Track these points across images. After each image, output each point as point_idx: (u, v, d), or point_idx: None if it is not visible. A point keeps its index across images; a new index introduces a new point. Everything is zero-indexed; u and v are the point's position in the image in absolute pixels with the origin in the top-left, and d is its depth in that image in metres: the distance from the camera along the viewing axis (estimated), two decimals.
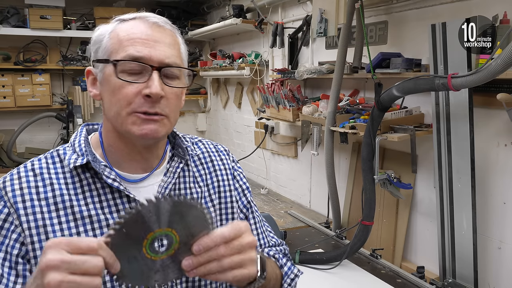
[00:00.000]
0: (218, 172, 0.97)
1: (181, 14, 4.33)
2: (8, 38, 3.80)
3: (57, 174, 0.81)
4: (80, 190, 0.81)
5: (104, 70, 0.80)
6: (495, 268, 1.73)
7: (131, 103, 0.77)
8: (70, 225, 0.78)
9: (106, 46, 0.80)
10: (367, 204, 1.78)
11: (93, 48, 0.83)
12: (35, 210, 0.78)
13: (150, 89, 0.76)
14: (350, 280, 1.71)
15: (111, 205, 0.82)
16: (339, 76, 2.10)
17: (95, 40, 0.83)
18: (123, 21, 0.83)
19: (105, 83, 0.80)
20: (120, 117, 0.78)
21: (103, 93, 0.82)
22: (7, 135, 3.92)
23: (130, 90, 0.77)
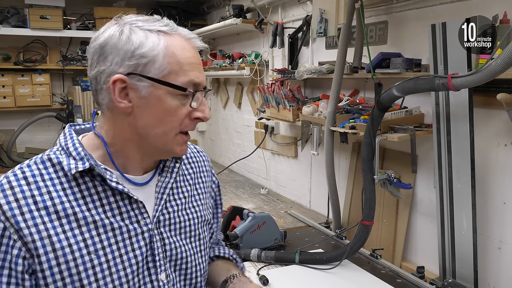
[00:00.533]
0: (201, 173, 1.02)
1: (181, 14, 4.33)
2: (8, 38, 3.80)
3: (52, 180, 0.78)
4: (80, 195, 0.79)
5: (154, 88, 0.78)
6: (495, 268, 1.73)
7: (181, 124, 0.82)
8: (75, 232, 0.77)
9: (162, 65, 0.77)
10: (367, 204, 1.78)
11: (142, 60, 0.77)
12: (36, 222, 0.74)
13: (204, 114, 0.83)
14: (350, 280, 1.71)
15: (114, 208, 0.81)
16: (339, 76, 2.10)
17: (144, 53, 0.77)
18: (166, 34, 0.79)
19: (154, 101, 0.78)
20: (168, 137, 0.81)
21: (145, 108, 0.79)
22: (7, 135, 3.92)
23: (183, 113, 0.81)
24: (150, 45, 0.77)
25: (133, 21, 0.79)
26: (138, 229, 0.83)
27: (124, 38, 0.77)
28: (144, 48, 0.77)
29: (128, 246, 0.82)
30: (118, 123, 0.82)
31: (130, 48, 0.77)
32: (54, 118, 4.01)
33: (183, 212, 0.93)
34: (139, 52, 0.77)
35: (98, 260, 0.78)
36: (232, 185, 3.38)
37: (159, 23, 0.80)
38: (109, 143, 0.83)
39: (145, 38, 0.77)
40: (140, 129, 0.81)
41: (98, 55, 0.79)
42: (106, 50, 0.78)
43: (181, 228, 0.92)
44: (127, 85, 0.78)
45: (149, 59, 0.77)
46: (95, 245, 0.78)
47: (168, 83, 0.78)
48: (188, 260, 0.91)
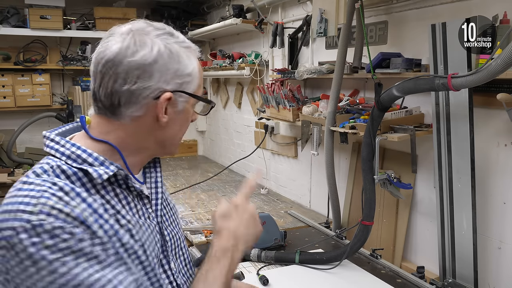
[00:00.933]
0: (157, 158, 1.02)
1: (181, 14, 4.33)
2: (8, 38, 3.80)
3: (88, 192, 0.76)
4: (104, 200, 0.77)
5: (187, 102, 0.85)
6: (495, 268, 1.73)
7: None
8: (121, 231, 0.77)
9: (197, 81, 0.86)
10: (367, 204, 1.78)
11: (187, 78, 0.83)
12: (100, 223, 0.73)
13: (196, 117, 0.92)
14: (350, 280, 1.71)
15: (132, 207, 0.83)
16: (339, 76, 2.10)
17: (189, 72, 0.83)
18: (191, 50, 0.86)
19: (184, 113, 0.86)
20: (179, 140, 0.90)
21: (176, 121, 0.85)
22: (7, 135, 3.92)
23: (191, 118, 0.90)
24: (193, 65, 0.84)
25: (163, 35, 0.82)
26: (151, 224, 0.86)
27: (175, 57, 0.81)
28: (189, 68, 0.83)
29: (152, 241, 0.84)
30: (142, 134, 0.83)
31: (179, 67, 0.82)
32: (54, 118, 4.01)
33: (167, 202, 0.98)
34: (186, 72, 0.83)
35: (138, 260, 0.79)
36: (232, 185, 3.38)
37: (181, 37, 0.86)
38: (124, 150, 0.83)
39: (187, 58, 0.83)
40: (166, 139, 0.86)
41: (142, 71, 0.78)
42: (154, 67, 0.78)
43: (170, 217, 0.95)
44: (172, 101, 0.82)
45: (192, 78, 0.84)
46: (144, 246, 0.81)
47: (202, 98, 0.88)
48: (181, 246, 0.95)
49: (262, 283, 1.63)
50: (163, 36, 0.81)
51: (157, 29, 0.82)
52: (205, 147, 4.72)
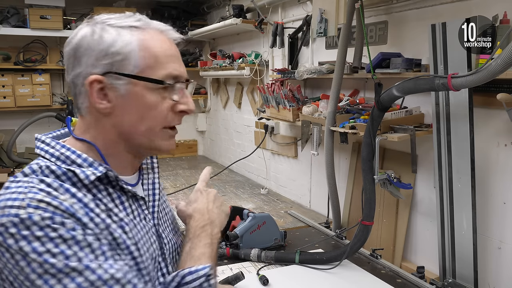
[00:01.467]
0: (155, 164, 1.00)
1: (181, 14, 4.33)
2: (8, 38, 3.80)
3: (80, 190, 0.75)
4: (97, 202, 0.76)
5: (132, 85, 0.76)
6: (495, 268, 1.73)
7: (165, 118, 0.80)
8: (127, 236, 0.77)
9: (138, 60, 0.76)
10: (367, 204, 1.78)
11: (116, 57, 0.75)
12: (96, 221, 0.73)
13: (188, 106, 0.81)
14: (350, 280, 1.71)
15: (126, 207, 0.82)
16: (339, 76, 2.10)
17: (117, 50, 0.75)
18: (139, 29, 0.78)
19: (133, 98, 0.77)
20: (153, 132, 0.80)
21: (124, 107, 0.77)
22: (7, 135, 3.92)
23: (165, 107, 0.79)
24: (124, 41, 0.76)
25: (104, 19, 0.78)
26: (147, 225, 0.85)
27: (96, 37, 0.75)
28: (117, 46, 0.75)
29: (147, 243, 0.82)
30: (102, 126, 0.79)
31: (103, 47, 0.75)
32: (54, 118, 4.01)
33: (164, 205, 0.96)
34: (112, 50, 0.75)
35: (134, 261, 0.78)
36: (232, 185, 3.38)
37: (131, 19, 0.79)
38: (102, 148, 0.81)
39: (117, 35, 0.76)
40: (124, 128, 0.79)
41: (73, 59, 0.77)
42: (79, 52, 0.76)
43: (166, 221, 0.94)
44: (105, 85, 0.76)
45: (123, 56, 0.75)
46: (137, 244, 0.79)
47: (145, 78, 0.76)
48: (178, 251, 0.93)
49: (262, 283, 1.63)
50: (104, 20, 0.78)
51: (110, 17, 0.79)
52: (205, 147, 4.72)
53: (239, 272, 1.60)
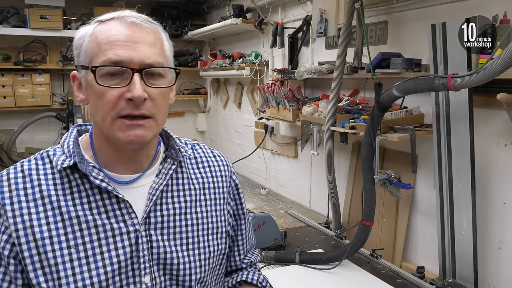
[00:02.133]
0: (215, 178, 0.97)
1: (181, 14, 4.33)
2: (8, 38, 3.80)
3: (46, 175, 0.81)
4: (69, 191, 0.81)
5: (86, 75, 0.80)
6: (495, 268, 1.73)
7: (114, 107, 0.77)
8: (58, 225, 0.79)
9: (87, 50, 0.79)
10: (367, 204, 1.78)
11: (75, 52, 0.82)
12: (22, 212, 0.78)
13: (132, 93, 0.76)
14: (350, 280, 1.71)
15: (100, 205, 0.81)
16: (339, 76, 2.10)
17: (76, 44, 0.82)
18: (101, 22, 0.81)
19: (89, 88, 0.81)
20: (106, 122, 0.78)
21: (89, 98, 0.82)
22: (7, 135, 3.92)
23: (112, 95, 0.77)
24: (80, 34, 0.81)
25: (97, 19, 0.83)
26: (123, 228, 0.82)
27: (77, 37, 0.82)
28: (76, 41, 0.82)
29: (111, 245, 0.81)
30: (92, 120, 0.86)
31: (74, 44, 0.83)
32: (54, 118, 4.01)
33: (182, 217, 0.89)
34: (75, 45, 0.82)
35: (77, 255, 0.79)
36: None
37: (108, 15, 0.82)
38: (93, 142, 0.87)
39: (82, 31, 0.82)
40: (93, 119, 0.84)
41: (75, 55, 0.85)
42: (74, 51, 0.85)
43: (175, 233, 0.88)
44: (79, 80, 0.83)
45: (79, 50, 0.81)
46: (76, 240, 0.79)
47: (81, 66, 0.80)
48: (180, 267, 0.86)
49: None
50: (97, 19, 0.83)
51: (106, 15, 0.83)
52: None
53: None
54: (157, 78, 0.80)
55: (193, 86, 4.58)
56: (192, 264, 0.88)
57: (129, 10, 0.82)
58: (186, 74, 4.43)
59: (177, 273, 0.86)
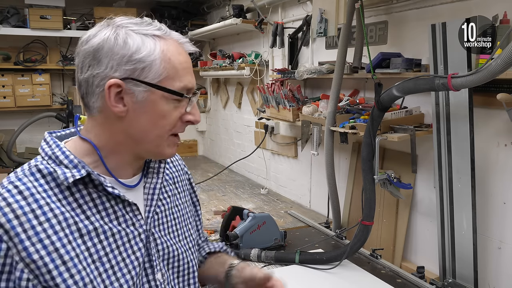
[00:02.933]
0: (178, 172, 1.04)
1: (181, 14, 4.33)
2: (8, 38, 3.80)
3: (46, 192, 0.76)
4: (76, 204, 0.78)
5: (150, 92, 0.78)
6: (495, 268, 1.73)
7: (174, 127, 0.83)
8: (78, 242, 0.76)
9: (158, 70, 0.78)
10: (367, 204, 1.78)
11: (135, 64, 0.77)
12: (41, 237, 0.72)
13: (195, 117, 0.85)
14: (350, 280, 1.71)
15: (110, 213, 0.81)
16: (339, 76, 2.10)
17: (141, 57, 0.77)
18: (161, 38, 0.80)
19: (149, 105, 0.79)
20: (162, 139, 0.82)
21: (140, 113, 0.79)
22: (7, 135, 3.92)
23: (175, 116, 0.82)
24: (148, 50, 0.77)
25: (126, 23, 0.79)
26: (135, 231, 0.84)
27: (121, 42, 0.76)
28: (141, 53, 0.77)
29: (129, 250, 0.83)
30: (110, 126, 0.81)
31: (127, 52, 0.76)
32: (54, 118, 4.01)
33: (170, 212, 0.95)
34: (136, 57, 0.77)
35: (103, 267, 0.78)
36: (232, 185, 3.38)
37: (152, 27, 0.80)
38: (99, 147, 0.82)
39: (141, 42, 0.77)
40: (134, 133, 0.81)
41: (91, 58, 0.77)
42: (101, 53, 0.77)
43: (169, 227, 0.94)
44: (123, 90, 0.77)
45: (146, 64, 0.77)
46: (99, 253, 0.78)
47: (166, 88, 0.79)
48: (180, 257, 0.93)
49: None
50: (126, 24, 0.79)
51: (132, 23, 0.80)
52: (205, 147, 4.72)
53: None
54: None
55: None
56: (187, 252, 0.96)
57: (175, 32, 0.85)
58: None
59: (178, 264, 0.93)
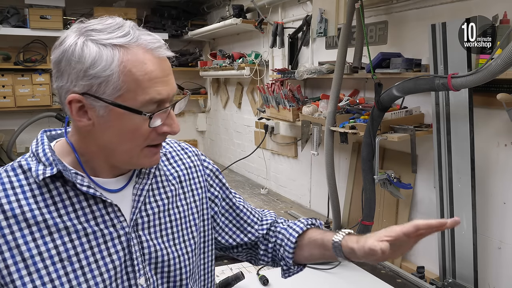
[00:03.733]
0: (188, 170, 0.98)
1: (181, 14, 4.33)
2: (8, 38, 3.80)
3: (22, 188, 0.76)
4: (51, 201, 0.77)
5: (111, 108, 0.73)
6: (495, 268, 1.73)
7: (147, 139, 0.78)
8: (45, 239, 0.75)
9: (117, 85, 0.72)
10: (367, 204, 1.78)
11: (91, 80, 0.72)
12: (4, 232, 0.72)
13: (171, 129, 0.79)
14: (350, 280, 1.71)
15: (87, 212, 0.79)
16: (339, 76, 2.10)
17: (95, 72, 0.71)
18: (122, 48, 0.73)
19: (114, 120, 0.74)
20: (133, 152, 0.78)
21: (106, 128, 0.76)
22: (7, 135, 3.92)
23: (147, 129, 0.76)
24: (103, 64, 0.71)
25: (91, 29, 0.74)
26: (114, 233, 0.81)
27: (77, 55, 0.72)
28: (96, 68, 0.71)
29: (104, 251, 0.80)
30: (83, 137, 0.80)
31: (82, 67, 0.72)
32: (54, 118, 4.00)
33: (165, 214, 0.90)
34: (91, 72, 0.71)
35: (71, 267, 0.76)
36: (232, 185, 3.35)
37: (118, 33, 0.73)
38: (78, 152, 0.81)
39: (98, 55, 0.71)
40: (104, 145, 0.78)
41: (56, 70, 0.75)
42: (61, 66, 0.74)
43: (161, 230, 0.89)
44: (84, 104, 0.74)
45: (102, 80, 0.72)
46: (68, 252, 0.76)
47: (122, 105, 0.73)
48: (170, 263, 0.88)
49: (262, 283, 1.63)
50: (89, 31, 0.74)
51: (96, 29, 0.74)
52: (205, 147, 4.72)
53: (239, 272, 1.60)
54: None
55: (193, 86, 4.58)
56: (181, 258, 0.90)
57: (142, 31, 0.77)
58: (186, 74, 4.43)
59: (168, 269, 0.88)
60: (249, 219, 1.05)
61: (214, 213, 1.02)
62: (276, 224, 1.06)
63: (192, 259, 0.93)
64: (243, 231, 1.04)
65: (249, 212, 1.06)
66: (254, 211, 1.08)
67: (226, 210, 1.04)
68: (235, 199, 1.06)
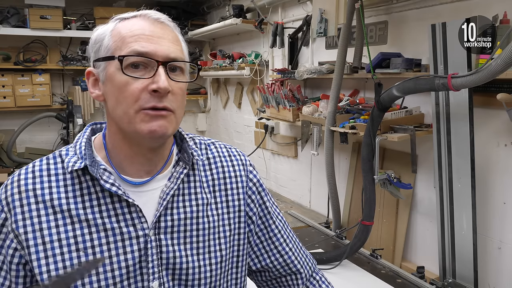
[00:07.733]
0: (227, 179, 0.93)
1: (181, 14, 4.33)
2: (8, 38, 3.80)
3: (57, 176, 0.81)
4: (79, 192, 0.80)
5: (107, 68, 0.78)
6: (495, 268, 1.73)
7: (138, 99, 0.76)
8: (67, 228, 0.78)
9: (108, 44, 0.79)
10: (367, 204, 1.78)
11: (93, 48, 0.81)
12: (32, 214, 0.77)
13: (157, 84, 0.75)
14: (350, 280, 1.71)
15: (110, 209, 0.80)
16: (339, 76, 2.10)
17: (95, 39, 0.81)
18: (123, 19, 0.81)
19: (109, 81, 0.78)
20: (128, 115, 0.76)
21: (107, 93, 0.80)
22: (7, 135, 3.92)
23: (136, 87, 0.76)
24: (102, 31, 0.81)
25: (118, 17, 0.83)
26: (133, 232, 0.81)
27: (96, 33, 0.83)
28: (96, 36, 0.81)
29: (120, 249, 0.79)
30: (107, 117, 0.84)
31: (92, 42, 0.82)
32: (54, 118, 4.01)
33: (193, 221, 0.86)
34: (93, 41, 0.82)
35: (85, 258, 0.78)
36: None
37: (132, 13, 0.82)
38: (107, 142, 0.85)
39: (101, 28, 0.82)
40: (111, 115, 0.81)
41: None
42: (89, 48, 0.84)
43: (186, 237, 0.85)
44: (95, 76, 0.82)
45: (99, 44, 0.80)
46: (85, 243, 0.78)
47: (105, 57, 0.79)
48: (189, 272, 0.85)
49: None
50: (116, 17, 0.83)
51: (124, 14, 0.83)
52: None
53: None
54: (178, 74, 0.81)
55: (193, 86, 4.57)
56: (202, 268, 0.86)
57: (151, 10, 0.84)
58: None
59: (186, 277, 0.85)
60: (280, 247, 0.99)
61: (249, 230, 0.95)
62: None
63: (217, 271, 0.88)
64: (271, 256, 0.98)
65: (281, 240, 0.99)
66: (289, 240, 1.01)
67: (260, 229, 0.97)
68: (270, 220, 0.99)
